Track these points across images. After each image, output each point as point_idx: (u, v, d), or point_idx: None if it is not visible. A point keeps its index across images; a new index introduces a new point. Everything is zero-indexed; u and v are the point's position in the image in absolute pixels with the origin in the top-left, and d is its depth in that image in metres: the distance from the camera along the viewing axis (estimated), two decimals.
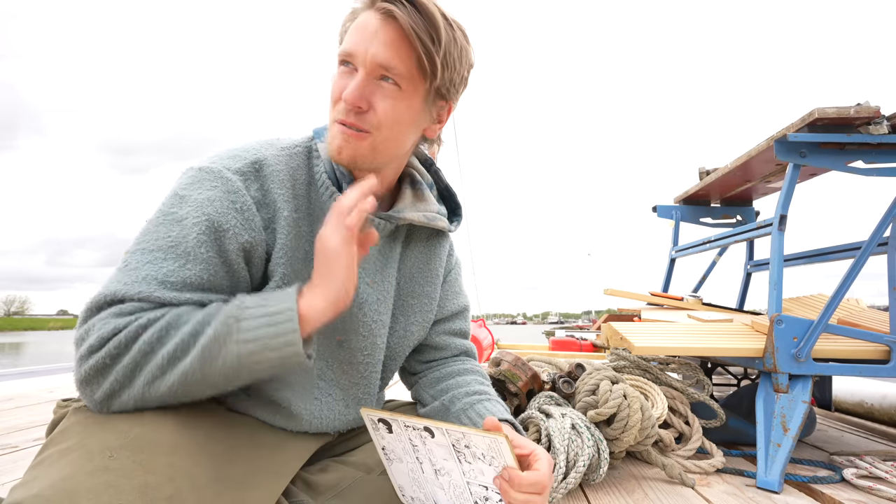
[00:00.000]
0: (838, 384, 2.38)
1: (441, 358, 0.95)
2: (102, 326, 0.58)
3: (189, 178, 0.67)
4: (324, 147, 0.76)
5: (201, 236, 0.63)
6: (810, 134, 1.33)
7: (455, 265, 0.98)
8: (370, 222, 0.77)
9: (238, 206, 0.66)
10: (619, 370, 1.65)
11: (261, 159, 0.70)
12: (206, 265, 0.63)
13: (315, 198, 0.74)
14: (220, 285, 0.65)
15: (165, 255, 0.62)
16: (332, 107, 0.71)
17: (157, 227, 0.63)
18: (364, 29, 0.68)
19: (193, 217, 0.63)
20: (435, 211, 0.86)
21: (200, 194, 0.65)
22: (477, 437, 0.60)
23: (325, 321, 0.63)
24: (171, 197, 0.66)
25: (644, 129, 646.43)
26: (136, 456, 0.54)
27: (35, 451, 1.04)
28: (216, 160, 0.68)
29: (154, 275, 0.61)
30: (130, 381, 0.58)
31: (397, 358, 0.88)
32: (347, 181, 0.75)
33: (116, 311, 0.59)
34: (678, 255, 2.37)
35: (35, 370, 3.48)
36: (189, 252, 0.62)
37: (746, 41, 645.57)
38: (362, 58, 0.67)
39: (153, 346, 0.57)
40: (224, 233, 0.64)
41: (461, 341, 0.97)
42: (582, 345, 4.47)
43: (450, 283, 0.95)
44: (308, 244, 0.73)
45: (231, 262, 0.66)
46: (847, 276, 1.36)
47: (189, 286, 0.62)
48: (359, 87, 0.67)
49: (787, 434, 1.26)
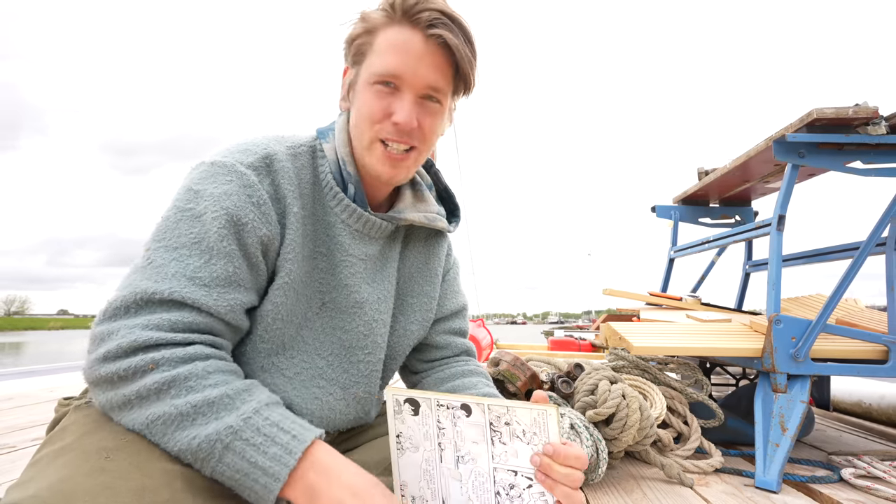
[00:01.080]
0: (836, 384, 2.39)
1: (443, 357, 0.95)
2: (127, 335, 0.57)
3: (201, 172, 0.67)
4: (329, 147, 0.76)
5: (222, 230, 0.63)
6: (809, 134, 1.33)
7: (453, 265, 0.98)
8: (371, 222, 0.78)
9: (255, 201, 0.66)
10: (618, 370, 1.65)
11: (271, 154, 0.70)
12: (230, 259, 0.63)
13: (319, 197, 0.75)
14: (244, 279, 0.65)
15: (190, 252, 0.62)
16: (370, 125, 0.72)
17: (178, 224, 0.63)
18: (407, 51, 0.69)
19: (212, 212, 0.63)
20: (434, 212, 0.87)
21: (216, 188, 0.65)
22: (523, 411, 0.59)
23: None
24: (185, 192, 0.65)
25: (646, 128, 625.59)
26: (133, 458, 0.54)
27: (33, 452, 1.04)
28: (228, 154, 0.68)
29: (182, 271, 0.60)
30: (121, 411, 0.57)
31: (398, 357, 0.89)
32: (353, 182, 0.76)
33: (144, 323, 0.58)
34: (677, 255, 2.38)
35: (35, 370, 3.48)
36: (213, 247, 0.62)
37: (746, 42, 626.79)
38: (410, 81, 0.70)
39: (151, 393, 0.56)
40: (243, 226, 0.64)
41: (461, 340, 0.97)
42: (581, 345, 4.47)
43: (448, 283, 0.96)
44: (312, 243, 0.74)
45: (251, 256, 0.66)
46: (845, 276, 1.36)
47: (217, 281, 0.62)
48: (412, 112, 0.71)
49: (786, 434, 1.26)
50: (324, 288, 0.76)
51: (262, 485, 0.54)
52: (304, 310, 0.75)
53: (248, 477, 0.55)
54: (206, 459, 0.55)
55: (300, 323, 0.75)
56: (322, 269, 0.76)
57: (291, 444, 0.56)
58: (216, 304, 0.62)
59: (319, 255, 0.75)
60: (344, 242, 0.76)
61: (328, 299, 0.77)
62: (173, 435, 0.55)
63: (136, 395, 0.56)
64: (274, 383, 0.73)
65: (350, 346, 0.79)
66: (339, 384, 0.79)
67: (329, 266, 0.76)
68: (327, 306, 0.77)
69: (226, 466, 0.55)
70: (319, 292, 0.76)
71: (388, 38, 0.70)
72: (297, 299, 0.73)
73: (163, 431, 0.55)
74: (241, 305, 0.65)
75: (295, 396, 0.74)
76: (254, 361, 0.72)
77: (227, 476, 0.55)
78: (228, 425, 0.55)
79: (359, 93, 0.73)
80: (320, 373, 0.77)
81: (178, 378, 0.56)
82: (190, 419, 0.55)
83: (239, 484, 0.56)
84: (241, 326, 0.68)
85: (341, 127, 0.78)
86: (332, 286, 0.76)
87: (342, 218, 0.76)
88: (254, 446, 0.55)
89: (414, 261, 0.89)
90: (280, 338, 0.73)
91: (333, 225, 0.76)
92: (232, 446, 0.55)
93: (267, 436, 0.56)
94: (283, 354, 0.74)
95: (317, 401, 0.76)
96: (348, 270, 0.77)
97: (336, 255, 0.76)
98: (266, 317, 0.70)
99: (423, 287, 0.90)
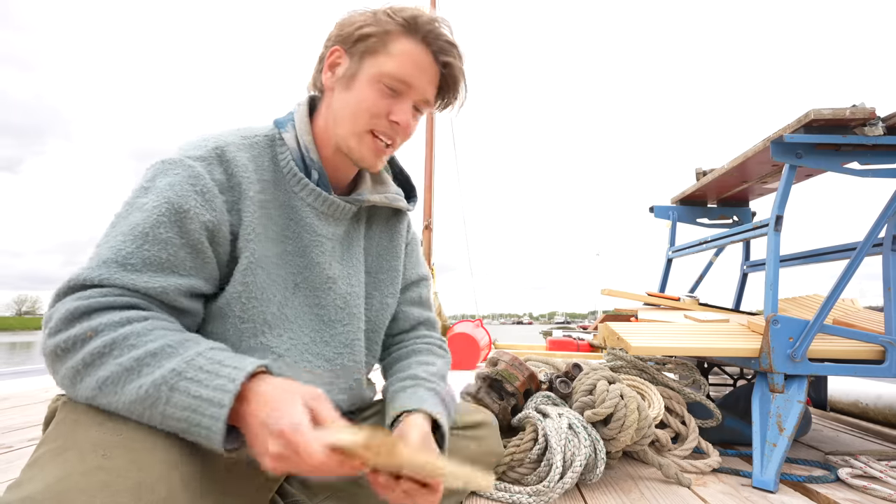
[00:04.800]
0: (834, 384, 2.39)
1: (400, 332, 0.99)
2: (63, 308, 0.59)
3: (154, 170, 0.70)
4: (290, 136, 0.80)
5: (161, 217, 0.65)
6: (806, 135, 1.34)
7: (412, 239, 1.03)
8: (336, 204, 0.81)
9: (198, 189, 0.68)
10: (616, 370, 1.65)
11: (222, 146, 0.73)
12: (165, 245, 0.65)
13: (281, 183, 0.78)
14: (182, 265, 0.67)
15: (125, 240, 0.64)
16: (368, 118, 0.77)
17: (122, 219, 0.66)
18: (419, 65, 0.78)
19: (154, 202, 0.66)
20: (394, 192, 0.93)
21: (162, 181, 0.68)
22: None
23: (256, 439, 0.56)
24: (136, 189, 0.69)
25: (653, 127, 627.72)
26: (130, 455, 0.54)
27: (30, 452, 1.03)
28: (178, 151, 0.72)
29: (114, 258, 0.62)
30: (73, 384, 0.58)
31: (378, 329, 0.92)
32: (317, 168, 0.80)
33: (77, 297, 0.60)
34: (675, 255, 2.38)
35: (30, 370, 3.47)
36: (147, 233, 0.64)
37: (745, 42, 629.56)
38: (415, 91, 0.79)
39: (94, 358, 0.57)
40: (184, 213, 0.66)
41: (418, 311, 1.00)
42: (579, 345, 4.48)
43: (408, 255, 1.01)
44: (277, 226, 0.76)
45: (194, 242, 0.68)
46: (842, 276, 1.36)
47: (149, 265, 0.64)
48: (409, 115, 0.80)
49: (783, 434, 1.26)
50: (295, 269, 0.78)
51: (210, 415, 0.54)
52: (281, 290, 0.77)
53: (195, 412, 0.55)
54: (155, 405, 0.55)
55: (280, 302, 0.76)
56: (291, 251, 0.78)
57: (234, 374, 0.56)
58: (146, 285, 0.63)
59: (287, 238, 0.78)
60: (312, 223, 0.79)
61: (300, 279, 0.79)
62: (122, 391, 0.56)
63: (83, 363, 0.57)
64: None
65: (329, 321, 0.82)
66: (324, 357, 0.81)
67: (298, 248, 0.79)
68: (300, 286, 0.79)
69: (174, 408, 0.55)
70: (292, 273, 0.78)
71: (404, 48, 0.76)
72: (270, 279, 0.75)
73: (112, 391, 0.56)
74: (175, 289, 0.66)
75: (288, 373, 0.75)
76: (241, 343, 0.73)
77: (177, 418, 0.55)
78: (172, 368, 0.56)
79: (361, 85, 0.77)
80: (307, 348, 0.79)
81: (118, 339, 0.57)
82: (136, 372, 0.56)
83: (189, 423, 0.55)
84: (186, 309, 0.69)
85: (301, 117, 0.82)
86: (303, 266, 0.79)
87: (308, 201, 0.79)
88: (197, 382, 0.56)
89: (379, 239, 0.93)
90: (262, 316, 0.74)
91: (299, 209, 0.78)
92: (177, 386, 0.55)
93: (210, 372, 0.57)
94: (271, 333, 0.75)
95: (308, 375, 0.78)
96: (318, 249, 0.80)
97: (305, 236, 0.79)
98: (239, 298, 0.72)
99: (390, 262, 0.94)
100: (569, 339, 4.81)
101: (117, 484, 0.51)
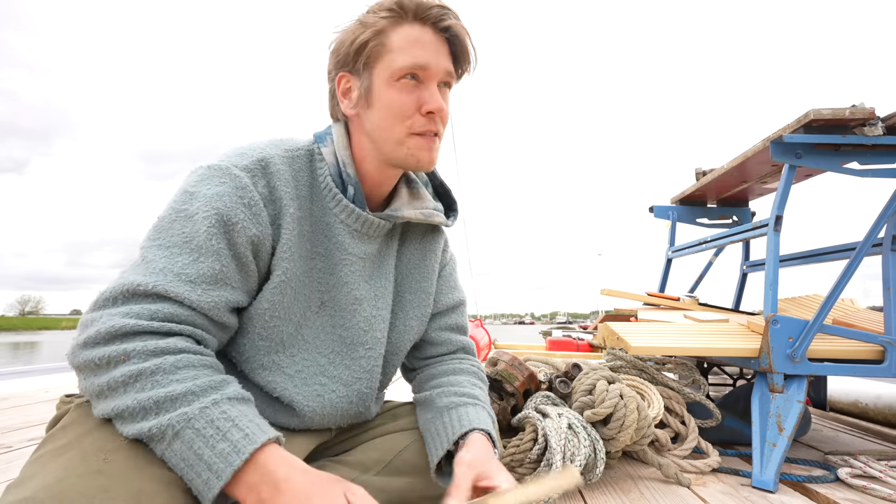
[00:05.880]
0: (833, 384, 2.39)
1: (438, 355, 0.95)
2: (107, 321, 0.57)
3: (198, 175, 0.68)
4: (328, 151, 0.78)
5: (211, 229, 0.64)
6: (806, 135, 1.34)
7: (450, 260, 0.99)
8: (370, 222, 0.78)
9: (246, 202, 0.67)
10: (616, 370, 1.65)
11: (266, 157, 0.71)
12: (218, 257, 0.64)
13: (317, 199, 0.76)
14: (231, 278, 0.66)
15: (180, 251, 0.63)
16: (402, 121, 0.74)
17: (171, 224, 0.65)
18: (425, 44, 0.74)
19: (203, 212, 0.65)
20: (431, 207, 0.88)
21: (209, 190, 0.66)
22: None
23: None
24: (181, 194, 0.67)
25: (657, 128, 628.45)
26: (132, 461, 0.54)
27: (29, 452, 1.03)
28: (224, 158, 0.70)
29: (170, 267, 0.62)
30: (97, 399, 0.58)
31: (398, 353, 0.89)
32: (353, 183, 0.77)
33: (126, 311, 0.59)
34: (674, 255, 2.38)
35: (31, 370, 3.47)
36: (201, 245, 0.64)
37: (744, 42, 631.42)
38: (434, 70, 0.74)
39: (119, 385, 0.56)
40: (233, 226, 0.66)
41: (458, 337, 0.97)
42: (579, 345, 4.48)
43: (444, 278, 0.96)
44: (310, 243, 0.75)
45: (240, 255, 0.67)
46: (842, 276, 1.36)
47: (203, 278, 0.63)
48: (440, 98, 0.75)
49: (783, 434, 1.26)
50: (322, 287, 0.77)
51: (204, 480, 0.54)
52: (304, 308, 0.75)
53: (192, 469, 0.54)
54: (157, 443, 0.55)
55: (299, 321, 0.75)
56: (320, 268, 0.76)
57: (241, 444, 0.55)
58: (200, 299, 0.62)
59: (317, 255, 0.76)
60: (343, 242, 0.77)
61: (327, 298, 0.77)
62: (133, 425, 0.55)
63: (108, 385, 0.56)
64: (275, 381, 0.74)
65: (351, 343, 0.80)
66: (341, 381, 0.79)
67: (328, 265, 0.77)
68: (326, 305, 0.78)
69: (173, 453, 0.55)
70: (318, 291, 0.77)
71: (403, 36, 0.73)
72: (295, 298, 0.74)
73: (123, 421, 0.56)
74: (225, 303, 0.66)
75: (296, 394, 0.75)
76: (255, 359, 0.73)
77: (174, 463, 0.55)
78: (183, 412, 0.55)
79: (380, 94, 0.74)
80: (322, 370, 0.78)
81: (146, 372, 0.56)
82: (153, 413, 0.55)
83: (184, 473, 0.55)
84: (227, 324, 0.69)
85: (339, 132, 0.79)
86: (330, 285, 0.77)
87: (341, 218, 0.77)
88: (203, 438, 0.54)
89: (411, 257, 0.90)
90: (279, 335, 0.73)
91: (332, 225, 0.77)
92: (182, 434, 0.54)
93: (219, 429, 0.55)
94: (284, 353, 0.75)
95: (319, 398, 0.77)
96: (348, 269, 0.78)
97: (335, 254, 0.77)
98: (263, 315, 0.71)
99: (420, 283, 0.90)
100: (568, 339, 4.80)
101: (117, 489, 0.50)
